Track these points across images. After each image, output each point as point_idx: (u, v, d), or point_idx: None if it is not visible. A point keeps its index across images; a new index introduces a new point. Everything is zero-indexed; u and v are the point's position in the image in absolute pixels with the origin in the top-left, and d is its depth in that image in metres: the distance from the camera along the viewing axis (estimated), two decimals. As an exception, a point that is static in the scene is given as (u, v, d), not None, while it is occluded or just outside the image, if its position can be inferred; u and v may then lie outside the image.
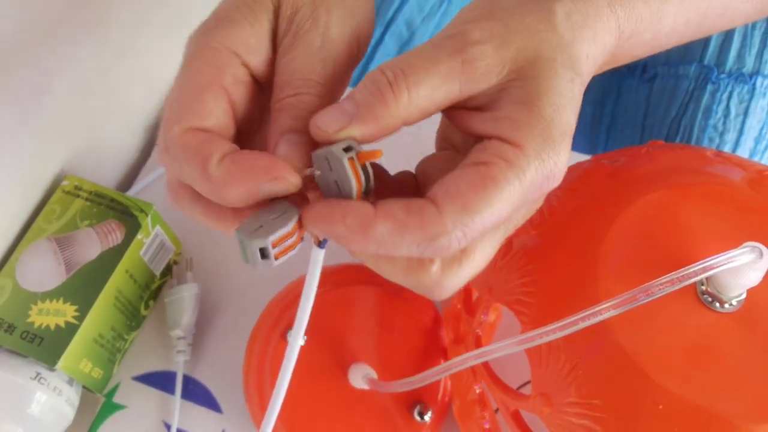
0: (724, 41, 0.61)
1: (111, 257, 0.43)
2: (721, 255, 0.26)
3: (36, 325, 0.41)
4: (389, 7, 0.64)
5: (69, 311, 0.41)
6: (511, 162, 0.26)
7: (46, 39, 0.42)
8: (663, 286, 0.27)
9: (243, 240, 0.26)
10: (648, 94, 0.65)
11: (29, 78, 0.42)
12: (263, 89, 0.31)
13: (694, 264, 0.26)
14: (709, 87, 0.61)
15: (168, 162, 0.28)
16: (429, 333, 0.44)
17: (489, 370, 0.35)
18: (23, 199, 0.45)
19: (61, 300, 0.42)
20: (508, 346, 0.30)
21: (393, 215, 0.25)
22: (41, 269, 0.43)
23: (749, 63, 0.60)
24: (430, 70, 0.26)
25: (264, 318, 0.46)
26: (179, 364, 0.46)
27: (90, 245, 0.43)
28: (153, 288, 0.48)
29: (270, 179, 0.26)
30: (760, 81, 0.60)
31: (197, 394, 0.46)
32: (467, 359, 0.31)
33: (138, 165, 0.55)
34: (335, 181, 0.26)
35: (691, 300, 0.31)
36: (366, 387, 0.42)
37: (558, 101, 0.27)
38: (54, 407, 0.41)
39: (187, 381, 0.47)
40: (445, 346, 0.43)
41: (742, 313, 0.30)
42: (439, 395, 0.42)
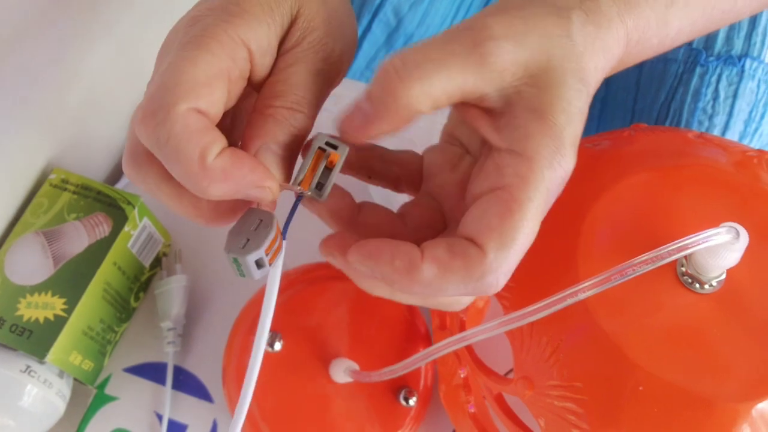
0: (712, 24, 0.61)
1: (99, 250, 0.43)
2: (698, 234, 0.26)
3: (25, 319, 0.41)
4: (376, -5, 0.64)
5: (57, 304, 0.42)
6: (527, 178, 0.26)
7: (30, 33, 0.42)
8: (640, 265, 0.27)
9: (238, 257, 0.27)
10: (637, 78, 0.65)
11: (14, 72, 0.42)
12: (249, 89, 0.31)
13: (671, 243, 0.26)
14: (698, 70, 0.60)
15: (150, 131, 0.26)
16: (406, 322, 0.44)
17: (473, 354, 0.35)
18: (10, 193, 0.45)
19: (50, 293, 0.42)
20: (488, 329, 0.30)
21: (438, 258, 0.26)
22: (29, 263, 0.43)
23: (738, 45, 0.60)
24: (444, 60, 0.26)
25: (241, 319, 0.46)
26: (170, 355, 0.47)
27: (77, 238, 0.44)
28: (142, 280, 0.48)
29: (259, 187, 0.27)
30: (749, 63, 0.60)
31: (188, 384, 0.47)
32: (448, 344, 0.31)
33: (126, 158, 0.55)
34: None
35: (671, 281, 0.31)
36: (349, 380, 0.43)
37: (569, 110, 0.27)
38: (45, 399, 0.42)
39: (178, 372, 0.47)
40: (423, 333, 0.44)
41: (722, 294, 0.30)
42: (422, 379, 0.43)
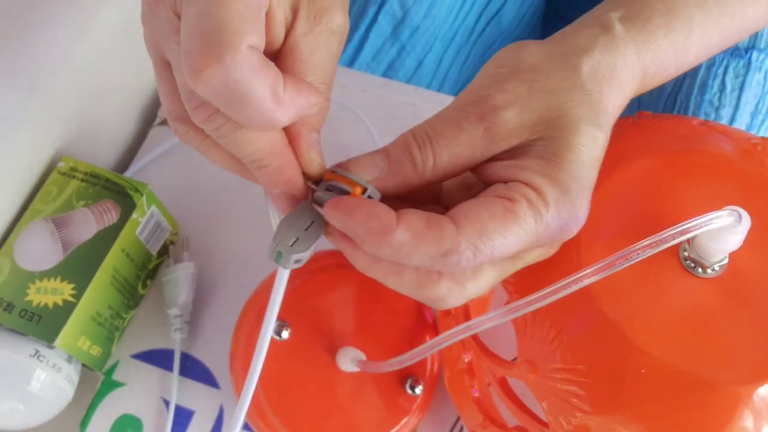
0: (719, 16, 0.61)
1: (107, 236, 0.44)
2: (701, 217, 0.27)
3: (34, 304, 0.42)
4: (383, -13, 0.64)
5: (66, 290, 0.42)
6: (533, 203, 0.27)
7: (40, 21, 0.42)
8: (643, 249, 0.27)
9: (283, 252, 0.29)
10: (644, 70, 0.65)
11: (24, 61, 0.42)
12: None
13: (673, 226, 0.26)
14: (705, 62, 0.61)
15: (216, 79, 0.24)
16: (413, 310, 0.45)
17: (477, 339, 0.35)
18: (20, 181, 0.45)
19: (59, 279, 0.42)
20: (494, 318, 0.30)
21: (413, 227, 0.27)
22: (39, 249, 0.43)
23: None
24: (453, 138, 0.29)
25: (249, 306, 0.46)
26: (177, 341, 0.47)
27: (86, 225, 0.44)
28: (150, 267, 0.49)
29: (314, 105, 0.29)
30: (755, 55, 0.60)
31: (195, 370, 0.47)
32: (456, 333, 0.31)
33: (134, 146, 0.56)
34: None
35: (674, 266, 0.31)
36: (355, 369, 0.43)
37: (579, 159, 0.28)
38: (54, 384, 0.42)
39: (185, 358, 0.47)
40: (430, 321, 0.44)
41: (724, 278, 0.30)
42: (428, 367, 0.43)
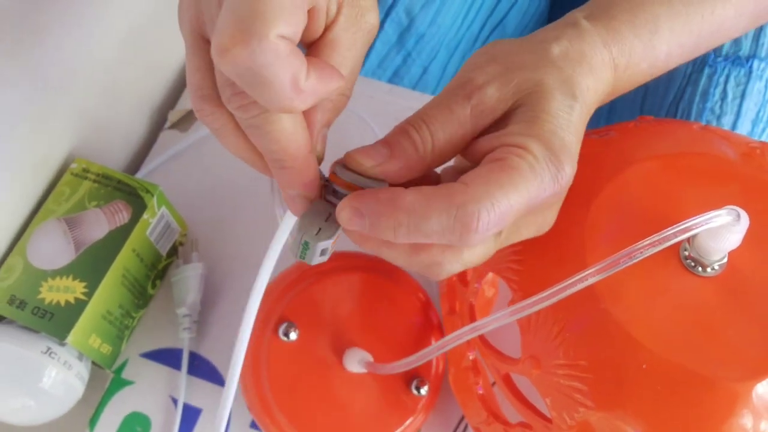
0: (720, 25, 0.61)
1: (118, 236, 0.45)
2: (700, 216, 0.27)
3: (47, 301, 0.42)
4: (389, -6, 0.65)
5: (78, 288, 0.43)
6: (523, 156, 0.29)
7: (53, 23, 0.43)
8: (645, 248, 0.28)
9: (310, 242, 0.29)
10: (647, 77, 0.66)
11: (37, 62, 0.43)
12: None
13: (674, 225, 0.27)
14: (707, 70, 0.61)
15: (241, 61, 0.25)
16: (419, 312, 0.45)
17: (482, 337, 0.36)
18: (33, 181, 0.46)
19: (71, 277, 0.43)
20: (499, 318, 0.31)
21: (423, 191, 0.28)
22: (51, 248, 0.44)
23: (745, 46, 0.61)
24: (446, 119, 0.31)
25: (257, 311, 0.46)
26: (185, 341, 0.48)
27: (98, 225, 0.45)
28: (159, 267, 0.50)
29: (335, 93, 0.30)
30: (756, 64, 0.61)
31: (203, 369, 0.48)
32: (462, 334, 0.32)
33: (144, 149, 0.56)
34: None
35: (675, 265, 0.32)
36: (363, 371, 0.43)
37: (556, 122, 0.30)
38: (65, 381, 0.43)
39: (193, 357, 0.48)
40: (436, 323, 0.45)
41: (724, 277, 0.31)
42: (433, 368, 0.43)
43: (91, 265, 0.44)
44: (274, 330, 0.45)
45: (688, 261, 0.31)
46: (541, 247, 0.33)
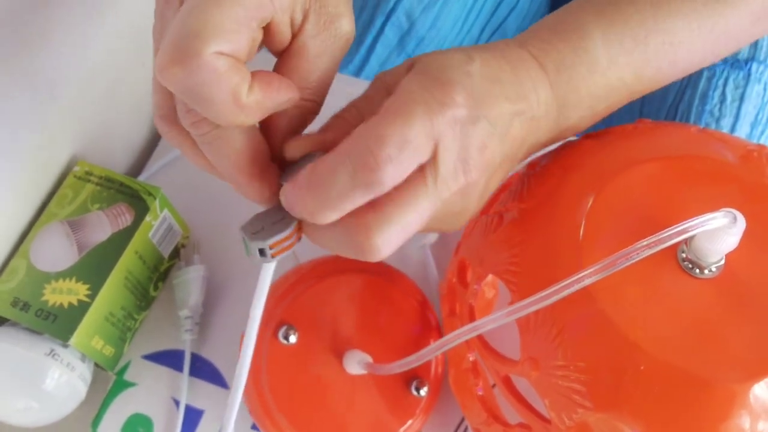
0: (719, 28, 0.62)
1: (121, 239, 0.45)
2: (697, 218, 0.28)
3: (50, 303, 0.43)
4: (390, -2, 0.65)
5: (81, 290, 0.43)
6: (402, 90, 0.28)
7: (55, 27, 0.44)
8: (642, 249, 0.28)
9: (245, 239, 0.30)
10: (646, 81, 0.66)
11: (39, 67, 0.44)
12: None
13: (670, 227, 0.27)
14: (706, 73, 0.62)
15: (177, 79, 0.26)
16: (418, 314, 0.45)
17: (481, 339, 0.36)
18: (36, 184, 0.47)
19: (74, 279, 0.43)
20: (498, 318, 0.31)
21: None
22: (54, 250, 0.44)
23: (744, 49, 0.61)
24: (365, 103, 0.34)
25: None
26: (187, 342, 0.48)
27: (101, 227, 0.45)
28: (162, 270, 0.50)
29: (285, 103, 0.29)
30: (755, 67, 0.61)
31: (205, 371, 0.48)
32: (461, 334, 0.32)
33: (146, 152, 0.57)
34: None
35: (673, 267, 0.32)
36: (362, 372, 0.44)
37: (445, 62, 0.30)
38: (68, 383, 0.43)
39: (195, 359, 0.48)
40: (434, 324, 0.45)
41: (721, 279, 0.31)
42: (433, 369, 0.44)
43: (94, 268, 0.44)
44: (273, 333, 0.45)
45: (685, 263, 0.32)
46: (539, 249, 0.34)
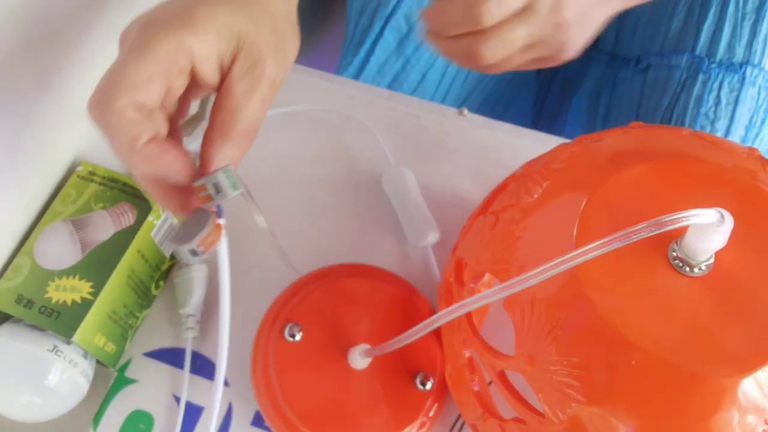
0: (714, 32, 0.63)
1: (124, 238, 0.46)
2: (687, 212, 0.28)
3: (53, 301, 0.43)
4: (389, 1, 0.66)
5: (84, 288, 0.44)
6: None
7: (59, 29, 0.45)
8: (630, 234, 0.28)
9: (176, 247, 0.35)
10: (642, 84, 0.67)
11: (45, 67, 0.44)
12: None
13: (660, 217, 0.28)
14: (701, 77, 0.63)
15: (95, 120, 0.33)
16: (416, 312, 0.46)
17: (477, 335, 0.37)
18: (40, 184, 0.47)
19: (77, 277, 0.44)
20: (488, 295, 0.32)
21: None
22: (58, 249, 0.45)
23: (739, 53, 0.62)
24: None
25: (267, 316, 0.48)
26: (188, 340, 0.49)
27: (104, 226, 0.46)
28: (163, 269, 0.51)
29: (176, 173, 0.34)
30: (749, 70, 0.62)
31: (205, 368, 0.49)
32: (452, 311, 0.33)
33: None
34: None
35: (664, 265, 0.33)
36: (366, 361, 0.44)
37: None
38: (70, 378, 0.44)
39: (196, 357, 0.49)
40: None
41: (710, 277, 0.32)
42: (438, 365, 0.44)
43: (97, 266, 0.45)
44: (280, 331, 0.46)
45: (676, 261, 0.32)
46: (534, 247, 0.35)
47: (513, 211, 0.37)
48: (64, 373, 0.43)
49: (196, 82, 0.35)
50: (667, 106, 0.64)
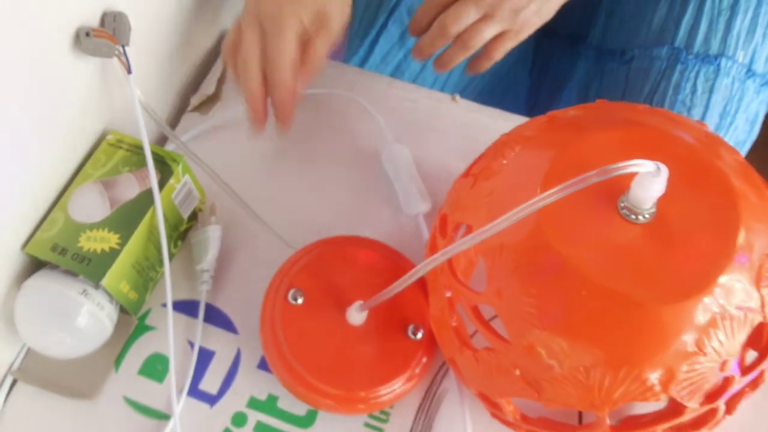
0: (692, 26, 0.67)
1: (147, 198, 0.51)
2: (630, 162, 0.33)
3: (85, 249, 0.49)
4: (393, -6, 0.71)
5: (112, 239, 0.49)
6: None
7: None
8: (580, 182, 0.33)
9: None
10: (626, 74, 0.72)
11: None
12: None
13: (606, 166, 0.33)
14: (679, 67, 0.67)
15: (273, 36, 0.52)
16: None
17: (455, 276, 0.42)
18: (73, 150, 0.53)
19: (106, 230, 0.50)
20: (466, 242, 0.37)
21: None
22: (89, 205, 0.50)
23: (715, 46, 0.67)
24: None
25: (272, 281, 0.52)
26: (202, 293, 0.54)
27: (130, 186, 0.51)
28: (181, 230, 0.56)
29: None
30: (724, 62, 0.67)
31: (217, 318, 0.54)
32: (433, 260, 0.38)
33: (171, 125, 0.63)
34: None
35: (614, 215, 0.38)
36: (362, 316, 0.49)
37: None
38: (97, 320, 0.49)
39: (209, 308, 0.54)
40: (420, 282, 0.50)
41: (653, 224, 0.37)
42: (427, 317, 0.48)
43: (124, 221, 0.50)
44: (284, 296, 0.51)
45: (624, 210, 0.38)
46: (505, 198, 0.40)
47: (488, 172, 0.42)
48: (91, 315, 0.49)
49: None
50: (648, 93, 0.69)
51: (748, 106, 0.69)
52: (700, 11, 0.67)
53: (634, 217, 0.37)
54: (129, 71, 0.51)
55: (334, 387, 0.47)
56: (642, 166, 0.33)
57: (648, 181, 0.35)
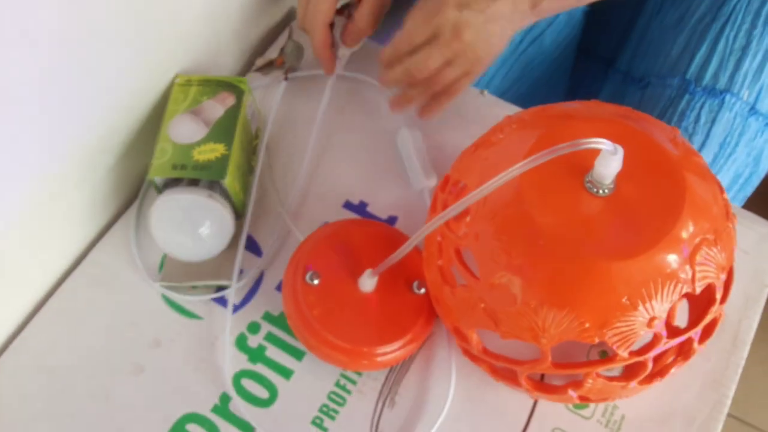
0: (705, 61, 0.74)
1: (231, 113, 0.59)
2: (593, 139, 0.41)
3: (202, 160, 0.55)
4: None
5: (220, 148, 0.56)
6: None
7: None
8: (549, 153, 0.41)
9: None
10: (640, 98, 0.79)
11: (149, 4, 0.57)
12: None
13: (571, 141, 0.41)
14: (687, 97, 0.74)
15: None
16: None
17: (447, 223, 0.51)
18: (147, 93, 0.62)
19: (212, 142, 0.56)
20: (459, 205, 0.46)
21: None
22: (188, 129, 0.57)
23: (722, 82, 0.73)
24: None
25: (290, 262, 0.57)
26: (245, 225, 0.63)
27: (215, 108, 0.59)
28: (254, 144, 0.64)
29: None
30: (728, 97, 0.73)
31: (252, 247, 0.63)
32: (432, 223, 0.46)
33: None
34: None
35: (580, 188, 0.46)
36: (373, 282, 0.54)
37: None
38: (223, 218, 0.56)
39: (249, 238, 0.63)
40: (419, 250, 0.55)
41: (612, 198, 0.46)
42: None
43: (223, 133, 0.57)
44: (302, 278, 0.55)
45: (588, 185, 0.46)
46: (497, 164, 0.48)
47: (487, 144, 0.51)
48: (219, 214, 0.55)
49: None
50: (656, 117, 0.76)
51: (750, 141, 0.74)
52: (713, 48, 0.73)
53: (596, 191, 0.46)
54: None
55: (358, 345, 0.53)
56: (602, 144, 0.42)
57: (607, 160, 0.43)
